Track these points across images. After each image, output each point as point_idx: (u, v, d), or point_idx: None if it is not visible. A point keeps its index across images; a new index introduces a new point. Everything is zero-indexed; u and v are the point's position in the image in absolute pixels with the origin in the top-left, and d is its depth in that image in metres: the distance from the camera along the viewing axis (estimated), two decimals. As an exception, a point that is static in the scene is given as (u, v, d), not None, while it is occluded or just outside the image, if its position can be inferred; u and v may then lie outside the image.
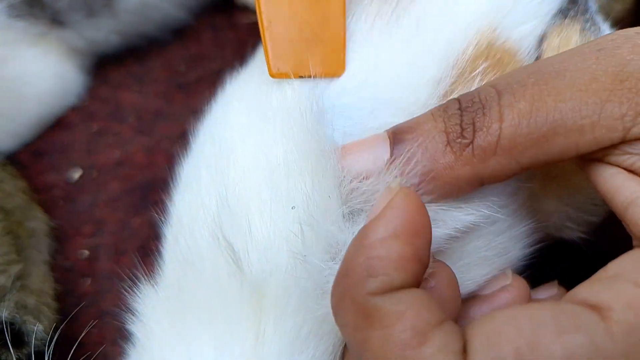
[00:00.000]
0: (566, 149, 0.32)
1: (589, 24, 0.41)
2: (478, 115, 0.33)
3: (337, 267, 0.31)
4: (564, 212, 0.40)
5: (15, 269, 0.44)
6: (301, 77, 0.36)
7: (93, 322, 0.48)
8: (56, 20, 0.60)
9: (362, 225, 0.31)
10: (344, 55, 0.37)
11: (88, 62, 0.65)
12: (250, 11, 0.72)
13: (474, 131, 0.32)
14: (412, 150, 0.33)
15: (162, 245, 0.40)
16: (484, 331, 0.27)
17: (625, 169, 0.32)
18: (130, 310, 0.39)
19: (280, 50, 0.35)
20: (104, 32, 0.63)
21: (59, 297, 0.50)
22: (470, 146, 0.32)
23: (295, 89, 0.37)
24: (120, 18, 0.63)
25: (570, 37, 0.40)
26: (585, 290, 0.29)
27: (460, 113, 0.33)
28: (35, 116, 0.61)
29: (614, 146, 0.32)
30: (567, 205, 0.40)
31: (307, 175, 0.34)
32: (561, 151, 0.32)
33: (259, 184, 0.35)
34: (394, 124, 0.35)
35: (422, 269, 0.30)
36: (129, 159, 0.60)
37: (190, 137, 0.43)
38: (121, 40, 0.65)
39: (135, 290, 0.39)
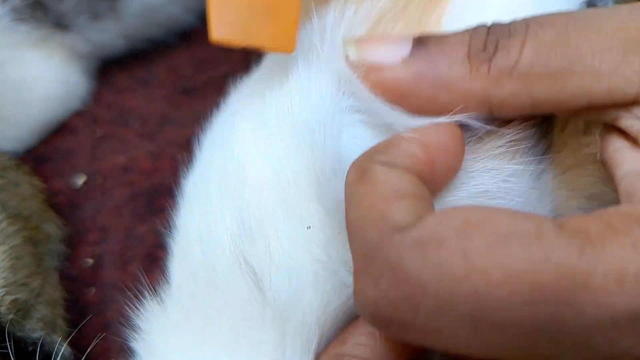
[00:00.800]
0: (579, 93, 0.32)
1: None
2: (503, 38, 0.32)
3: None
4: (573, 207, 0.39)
5: (36, 282, 0.42)
6: (247, 46, 0.33)
7: (100, 334, 0.46)
8: (60, 23, 0.59)
9: None
10: (296, 30, 0.34)
11: (92, 66, 0.64)
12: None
13: (495, 50, 0.32)
14: (431, 53, 0.33)
15: (168, 260, 0.39)
16: (449, 209, 0.29)
17: (632, 137, 0.32)
18: (134, 327, 0.38)
19: (226, 15, 0.32)
20: (108, 35, 0.62)
21: (65, 307, 0.49)
22: (488, 63, 0.32)
23: (302, 100, 0.36)
24: (126, 21, 0.62)
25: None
26: (555, 218, 0.29)
27: (487, 32, 0.33)
28: (38, 121, 0.60)
29: (625, 107, 0.32)
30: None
31: (315, 195, 0.33)
32: (574, 93, 0.32)
33: (273, 204, 0.34)
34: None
35: (432, 183, 0.32)
36: (134, 165, 0.59)
37: (196, 146, 0.42)
38: (126, 44, 0.64)
39: (140, 306, 0.38)
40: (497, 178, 0.35)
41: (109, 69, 0.65)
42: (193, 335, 0.35)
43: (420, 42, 0.34)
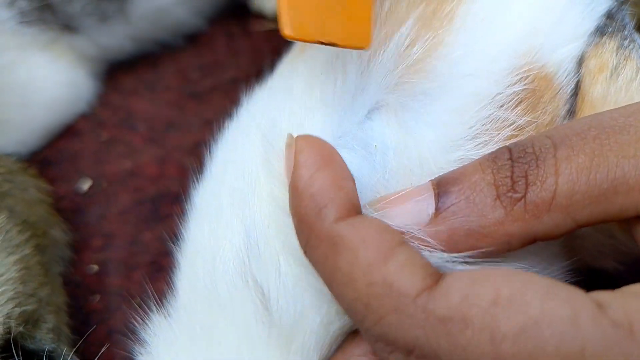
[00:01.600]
0: (626, 209, 0.30)
1: (627, 42, 0.39)
2: (531, 168, 0.30)
3: None
4: (598, 239, 0.38)
5: (45, 291, 0.42)
6: (321, 43, 0.31)
7: (105, 344, 0.46)
8: (68, 25, 0.58)
9: None
10: (371, 26, 0.32)
11: (99, 68, 0.63)
12: (266, 19, 0.70)
13: (527, 185, 0.30)
14: (458, 203, 0.31)
15: (175, 273, 0.38)
16: (476, 272, 0.28)
17: None
18: (139, 339, 0.37)
19: (298, 10, 0.30)
20: (116, 38, 0.62)
21: (68, 314, 0.48)
22: (522, 201, 0.30)
23: (311, 121, 0.36)
24: (134, 24, 0.62)
25: (607, 58, 0.39)
26: (598, 292, 0.28)
27: (511, 164, 0.31)
28: (43, 124, 0.60)
29: None
30: (599, 233, 0.38)
31: None
32: (620, 210, 0.30)
33: (282, 222, 0.33)
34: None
35: (353, 185, 0.32)
36: (140, 170, 0.58)
37: (206, 155, 0.41)
38: (134, 46, 0.64)
39: (146, 319, 0.37)
40: None
41: (115, 72, 0.64)
42: (199, 352, 0.34)
43: (442, 190, 0.32)
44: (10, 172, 0.46)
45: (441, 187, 0.32)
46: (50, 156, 0.59)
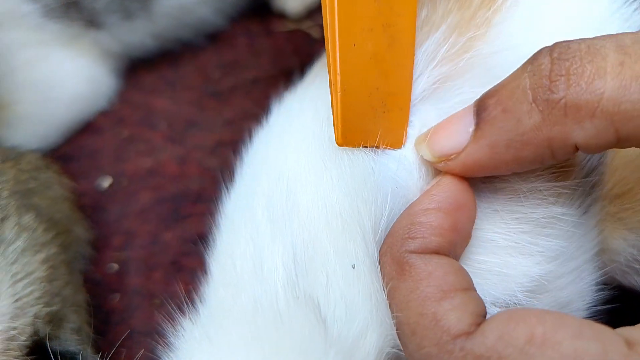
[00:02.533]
0: None
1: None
2: (575, 66, 0.28)
3: None
4: (630, 254, 0.38)
5: (69, 290, 0.41)
6: (365, 147, 0.34)
7: (125, 343, 0.46)
8: (92, 21, 0.58)
9: None
10: (407, 127, 0.35)
11: (120, 65, 0.63)
12: (288, 19, 0.70)
13: (568, 84, 0.28)
14: (495, 114, 0.30)
15: (206, 281, 0.38)
16: (510, 312, 0.28)
17: None
18: (167, 343, 0.37)
19: (350, 119, 0.33)
20: (139, 35, 0.62)
21: (88, 312, 0.48)
22: (562, 102, 0.28)
23: None
24: (156, 21, 0.62)
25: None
26: (626, 329, 0.28)
27: (550, 62, 0.29)
28: (64, 119, 0.59)
29: None
30: (632, 247, 0.38)
31: (359, 233, 0.33)
32: None
33: (324, 238, 0.33)
34: None
35: (461, 241, 0.32)
36: (160, 169, 0.58)
37: (236, 163, 0.41)
38: (156, 44, 0.64)
39: (175, 324, 0.37)
40: (542, 217, 0.34)
41: (136, 69, 0.64)
42: None
43: (481, 107, 0.31)
44: (36, 169, 0.46)
45: (480, 103, 0.31)
46: (71, 152, 0.59)
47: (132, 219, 0.55)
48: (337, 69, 0.32)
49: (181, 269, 0.52)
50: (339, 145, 0.34)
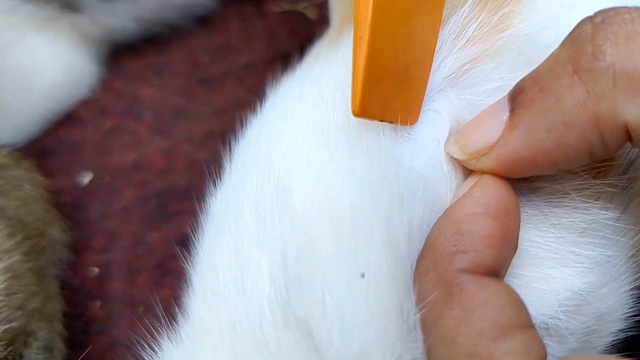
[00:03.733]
0: None
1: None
2: (625, 28, 0.24)
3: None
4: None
5: (35, 302, 0.37)
6: (383, 121, 0.29)
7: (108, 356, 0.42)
8: (69, 3, 0.53)
9: None
10: (421, 105, 0.30)
11: (102, 51, 0.59)
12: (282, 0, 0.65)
13: (617, 48, 0.23)
14: (532, 95, 0.25)
15: (189, 295, 0.34)
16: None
17: None
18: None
19: (372, 83, 0.27)
20: (121, 18, 0.57)
21: (65, 323, 0.44)
22: (610, 71, 0.23)
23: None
24: (140, 3, 0.57)
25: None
26: None
27: (593, 27, 0.24)
28: (42, 110, 0.55)
29: None
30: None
31: (378, 235, 0.27)
32: None
33: (325, 243, 0.28)
34: None
35: (510, 253, 0.27)
36: (146, 162, 0.54)
37: (225, 156, 0.36)
38: (140, 28, 0.59)
39: (154, 344, 0.33)
40: (581, 221, 0.29)
41: (120, 55, 0.60)
42: None
43: (516, 91, 0.27)
44: (2, 167, 0.42)
45: (516, 87, 0.27)
46: (49, 146, 0.55)
47: (115, 218, 0.51)
48: (369, 17, 0.27)
49: (167, 272, 0.48)
50: (355, 115, 0.28)
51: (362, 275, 0.27)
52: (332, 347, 0.27)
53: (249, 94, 0.39)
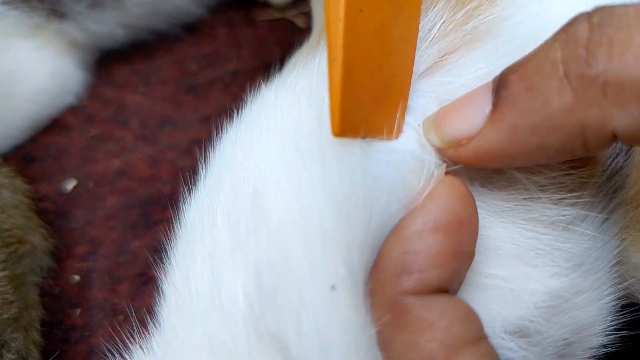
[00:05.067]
0: None
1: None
2: (620, 34, 0.23)
3: None
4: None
5: (11, 311, 0.37)
6: (365, 138, 0.28)
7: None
8: (56, 10, 0.53)
9: None
10: (404, 115, 0.29)
11: (89, 58, 0.59)
12: (271, 7, 0.65)
13: (610, 56, 0.23)
14: (518, 93, 0.25)
15: (161, 306, 0.33)
16: None
17: None
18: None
19: (350, 103, 0.27)
20: (108, 25, 0.57)
21: (44, 331, 0.44)
22: (601, 79, 0.23)
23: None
24: (128, 10, 0.57)
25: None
26: None
27: (589, 29, 0.24)
28: (27, 117, 0.55)
29: None
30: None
31: (344, 245, 0.27)
32: None
33: (298, 253, 0.27)
34: None
35: (465, 265, 0.27)
36: (130, 170, 0.54)
37: (201, 163, 0.36)
38: (127, 35, 0.59)
39: (128, 356, 0.32)
40: (559, 219, 0.29)
41: (107, 62, 0.60)
42: None
43: (501, 84, 0.26)
44: (-19, 173, 0.42)
45: (500, 79, 0.26)
46: (33, 152, 0.55)
47: (97, 225, 0.51)
48: (341, 38, 0.26)
49: (149, 281, 0.48)
50: (335, 135, 0.27)
51: (333, 288, 0.27)
52: None
53: (236, 103, 0.38)
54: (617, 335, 0.33)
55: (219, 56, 0.62)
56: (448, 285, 0.26)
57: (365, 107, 0.28)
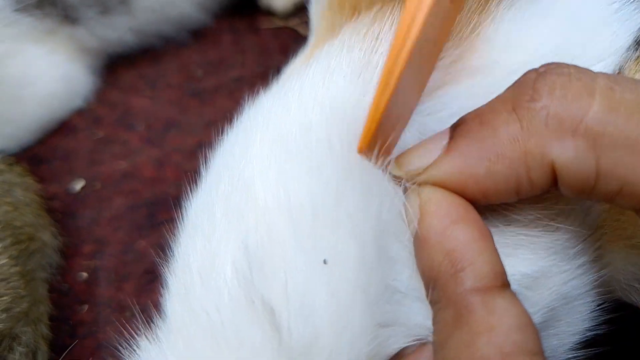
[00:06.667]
0: None
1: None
2: (562, 79, 0.26)
3: (385, 332, 0.29)
4: (629, 272, 0.35)
5: (22, 306, 0.38)
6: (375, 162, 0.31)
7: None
8: (67, 16, 0.55)
9: None
10: (396, 142, 0.32)
11: (98, 62, 0.61)
12: (274, 16, 0.67)
13: (552, 94, 0.26)
14: (472, 127, 0.27)
15: (165, 294, 0.35)
16: None
17: None
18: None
19: (379, 132, 0.30)
20: (118, 30, 0.59)
21: (52, 326, 0.45)
22: (544, 112, 0.26)
23: (323, 120, 0.32)
24: (136, 16, 0.59)
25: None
26: None
27: (536, 75, 0.27)
28: (36, 119, 0.57)
29: None
30: (632, 265, 0.35)
31: (340, 226, 0.29)
32: None
33: (284, 231, 0.30)
34: None
35: (494, 246, 0.28)
36: (136, 172, 0.55)
37: (203, 164, 0.38)
38: (135, 40, 0.61)
39: (133, 343, 0.34)
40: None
41: (114, 67, 0.62)
42: None
43: (458, 122, 0.28)
44: (-6, 172, 0.43)
45: (459, 119, 0.28)
46: (42, 153, 0.56)
47: (104, 225, 0.52)
48: (399, 68, 0.29)
49: (155, 279, 0.49)
50: (360, 152, 0.30)
51: (325, 262, 0.29)
52: (291, 327, 0.29)
53: (239, 107, 0.40)
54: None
55: (223, 62, 0.64)
56: (497, 268, 0.27)
57: (387, 131, 0.30)
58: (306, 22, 0.67)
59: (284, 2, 0.66)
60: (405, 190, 0.30)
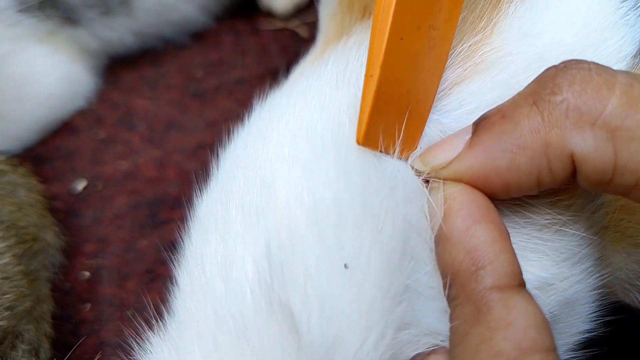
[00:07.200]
0: None
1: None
2: (582, 74, 0.27)
3: (403, 336, 0.29)
4: (632, 271, 0.36)
5: (25, 304, 0.39)
6: (382, 152, 0.31)
7: (97, 358, 0.43)
8: (69, 18, 0.55)
9: None
10: (420, 137, 0.32)
11: (99, 63, 0.61)
12: (275, 17, 0.67)
13: (573, 88, 0.27)
14: (494, 121, 0.28)
15: (173, 292, 0.35)
16: None
17: None
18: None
19: (377, 117, 0.30)
20: (119, 31, 0.59)
21: (54, 324, 0.46)
22: (564, 104, 0.27)
23: (346, 121, 0.32)
24: (137, 17, 0.59)
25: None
26: None
27: (556, 70, 0.28)
28: (39, 119, 0.57)
29: None
30: (635, 263, 0.36)
31: (365, 230, 0.29)
32: None
33: (307, 234, 0.30)
34: None
35: (512, 248, 0.29)
36: (138, 172, 0.56)
37: (212, 164, 0.38)
38: (136, 41, 0.61)
39: (143, 340, 0.34)
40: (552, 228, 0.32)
41: (115, 68, 0.62)
42: None
43: (481, 118, 0.29)
44: (-2, 173, 0.44)
45: (481, 116, 0.29)
46: (44, 154, 0.57)
47: (106, 224, 0.53)
48: (380, 59, 0.30)
49: (156, 278, 0.50)
50: (359, 143, 0.31)
51: (346, 266, 0.29)
52: (311, 331, 0.29)
53: (240, 108, 0.40)
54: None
55: (224, 63, 0.64)
56: (515, 269, 0.28)
57: (388, 124, 0.31)
58: (306, 24, 0.68)
59: (284, 4, 0.66)
60: (428, 188, 0.31)
